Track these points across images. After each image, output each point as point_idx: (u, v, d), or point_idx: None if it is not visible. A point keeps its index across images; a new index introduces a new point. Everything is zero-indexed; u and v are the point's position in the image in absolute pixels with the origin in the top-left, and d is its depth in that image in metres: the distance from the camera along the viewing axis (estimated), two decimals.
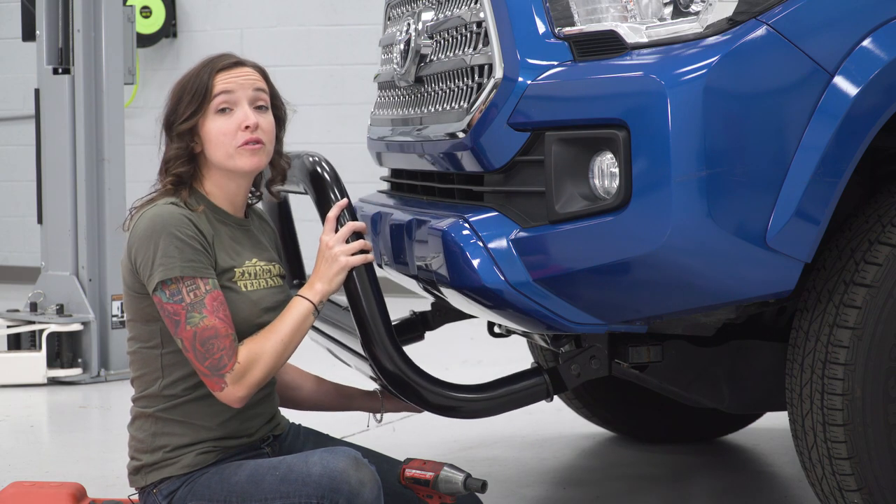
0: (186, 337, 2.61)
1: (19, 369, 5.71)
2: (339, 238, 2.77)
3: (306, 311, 2.70)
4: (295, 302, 2.72)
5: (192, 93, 2.72)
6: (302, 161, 2.94)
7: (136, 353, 2.73)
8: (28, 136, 7.32)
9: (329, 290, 2.75)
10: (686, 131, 2.53)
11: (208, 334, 2.60)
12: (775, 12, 2.57)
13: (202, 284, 2.62)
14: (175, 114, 2.73)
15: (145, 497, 2.71)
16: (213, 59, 2.76)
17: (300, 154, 2.97)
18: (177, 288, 2.61)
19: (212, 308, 2.61)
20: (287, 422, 2.90)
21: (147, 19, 8.86)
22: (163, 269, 2.60)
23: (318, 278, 2.75)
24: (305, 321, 2.70)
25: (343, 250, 2.76)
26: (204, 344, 2.60)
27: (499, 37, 2.79)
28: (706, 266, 2.60)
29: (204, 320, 2.60)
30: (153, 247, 2.62)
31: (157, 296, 2.62)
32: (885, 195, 2.78)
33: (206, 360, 2.61)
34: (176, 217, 2.64)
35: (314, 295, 2.72)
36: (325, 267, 2.76)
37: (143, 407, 2.72)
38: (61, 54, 5.88)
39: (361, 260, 2.77)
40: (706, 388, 3.25)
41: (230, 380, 2.61)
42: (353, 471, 2.55)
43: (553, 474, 4.09)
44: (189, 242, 2.63)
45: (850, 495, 2.74)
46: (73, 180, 5.88)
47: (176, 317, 2.61)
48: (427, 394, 2.84)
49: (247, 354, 2.63)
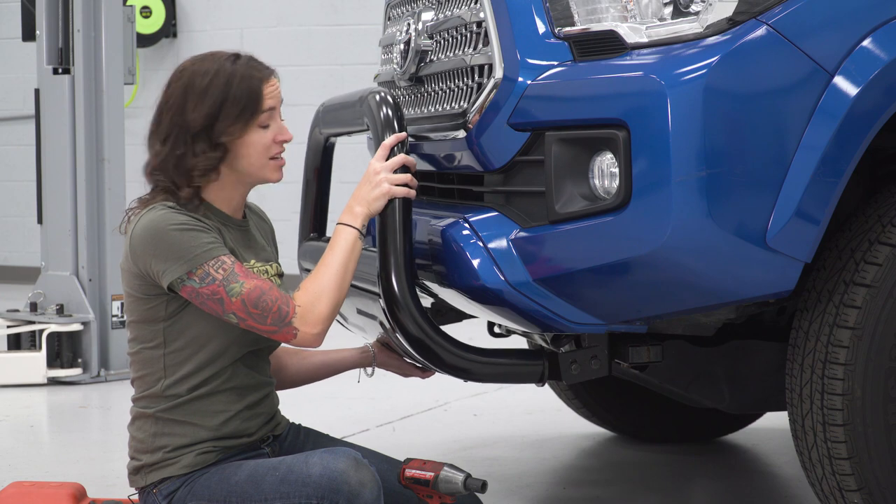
0: (237, 308, 2.60)
1: (19, 369, 5.71)
2: (388, 165, 2.77)
3: (352, 237, 2.70)
4: (339, 231, 2.71)
5: (242, 104, 2.67)
6: (367, 95, 2.94)
7: (137, 353, 2.73)
8: (28, 136, 7.33)
9: (368, 214, 2.73)
10: (686, 131, 2.53)
11: (255, 294, 2.60)
12: (775, 12, 2.57)
13: (226, 259, 2.62)
14: (214, 123, 2.66)
15: (145, 497, 2.71)
16: (251, 63, 2.71)
17: (365, 90, 2.98)
18: (204, 272, 2.60)
19: (244, 274, 2.62)
20: (287, 422, 2.90)
21: (147, 19, 8.86)
22: (183, 261, 2.60)
23: (357, 202, 2.74)
24: (355, 247, 2.70)
25: (390, 178, 2.75)
26: (256, 305, 2.60)
27: (499, 37, 2.79)
28: (706, 266, 2.60)
29: (244, 286, 2.60)
30: (164, 246, 2.61)
31: (188, 285, 2.61)
32: (885, 195, 2.78)
33: (266, 317, 2.60)
34: (175, 215, 2.64)
35: (355, 219, 2.72)
36: (368, 190, 2.75)
37: (143, 407, 2.72)
38: (61, 54, 5.88)
39: (405, 192, 2.76)
40: (706, 388, 3.25)
41: (298, 323, 2.62)
42: (353, 471, 2.55)
43: (553, 474, 4.09)
44: (197, 229, 2.63)
45: (850, 495, 2.74)
46: (73, 180, 5.88)
47: (216, 296, 2.60)
48: (424, 329, 2.79)
49: (306, 294, 2.64)
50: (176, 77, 2.72)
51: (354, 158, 6.27)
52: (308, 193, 3.62)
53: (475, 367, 2.86)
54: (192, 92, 2.68)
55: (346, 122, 3.27)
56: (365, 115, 2.95)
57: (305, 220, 3.63)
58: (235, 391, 2.72)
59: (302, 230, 3.63)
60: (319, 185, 3.61)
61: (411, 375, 3.13)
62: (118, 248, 5.93)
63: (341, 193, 3.33)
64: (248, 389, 2.74)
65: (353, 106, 3.08)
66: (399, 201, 2.76)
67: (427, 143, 3.07)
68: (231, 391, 2.71)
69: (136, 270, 2.67)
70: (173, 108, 2.69)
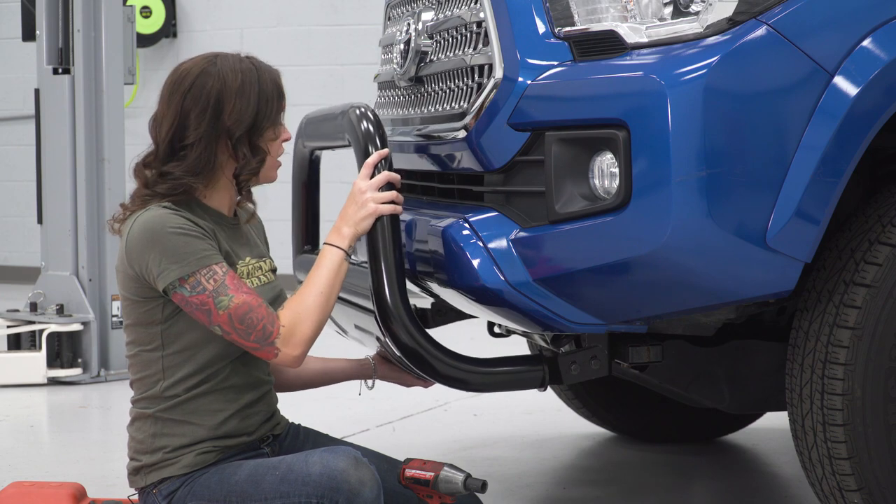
0: (223, 321, 2.61)
1: (19, 369, 5.71)
2: (373, 184, 2.78)
3: (338, 258, 2.71)
4: (325, 251, 2.72)
5: (275, 104, 2.70)
6: (348, 109, 2.94)
7: (136, 356, 2.73)
8: (28, 136, 7.32)
9: (356, 234, 2.74)
10: (686, 131, 2.53)
11: (243, 310, 2.60)
12: (775, 12, 2.57)
13: (218, 269, 2.62)
14: (255, 124, 2.68)
15: (145, 497, 2.71)
16: (264, 65, 2.73)
17: (346, 105, 2.97)
18: (196, 280, 2.60)
19: (235, 287, 2.62)
20: (287, 421, 2.90)
21: (147, 19, 8.86)
22: (177, 266, 2.60)
23: (344, 222, 2.75)
24: (340, 268, 2.70)
25: (375, 197, 2.76)
26: (242, 321, 2.60)
27: (499, 37, 2.79)
28: (706, 266, 2.60)
29: (233, 300, 2.60)
30: (158, 249, 2.61)
31: (178, 293, 2.61)
32: (885, 195, 2.78)
33: (250, 334, 2.61)
34: (172, 217, 2.64)
35: (342, 240, 2.73)
36: (354, 210, 2.76)
37: (142, 408, 2.72)
38: (61, 54, 5.88)
39: (391, 210, 2.77)
40: (706, 388, 3.25)
41: (280, 344, 2.62)
42: (353, 470, 2.55)
43: (553, 474, 4.09)
44: (193, 234, 2.63)
45: (850, 495, 2.74)
46: (73, 180, 5.88)
47: (205, 307, 2.60)
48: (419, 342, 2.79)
49: (290, 315, 2.64)
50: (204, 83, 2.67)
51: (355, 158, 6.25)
52: (297, 207, 3.64)
53: (472, 377, 2.86)
54: (226, 95, 2.66)
55: (327, 137, 3.27)
56: (346, 130, 2.94)
57: (297, 233, 3.64)
58: (233, 390, 2.72)
59: (295, 243, 3.64)
60: (308, 198, 3.63)
61: (413, 386, 3.13)
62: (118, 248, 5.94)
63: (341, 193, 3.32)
64: (245, 388, 2.74)
65: (335, 120, 3.07)
66: (386, 219, 2.77)
67: (427, 143, 3.07)
68: (228, 390, 2.71)
69: (132, 272, 2.67)
70: (204, 111, 2.66)
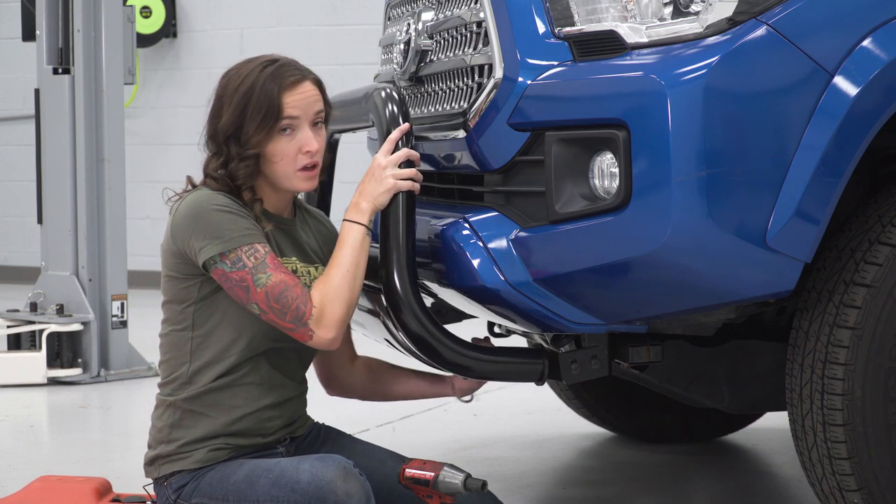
0: (260, 299, 2.61)
1: (19, 369, 5.71)
2: (393, 160, 2.77)
3: (361, 233, 2.70)
4: (346, 228, 2.71)
5: (262, 112, 2.67)
6: (373, 90, 2.94)
7: (167, 335, 2.74)
8: (28, 136, 7.33)
9: (374, 209, 2.73)
10: (686, 131, 2.53)
11: (279, 289, 2.61)
12: (775, 12, 2.57)
13: (260, 248, 2.63)
14: (240, 130, 2.68)
15: (158, 489, 2.75)
16: (277, 71, 2.70)
17: (370, 86, 2.97)
18: (237, 256, 2.61)
19: (274, 266, 2.63)
20: (311, 422, 2.90)
21: (147, 19, 8.86)
22: (220, 241, 2.61)
23: (362, 197, 2.73)
24: (363, 243, 2.70)
25: (395, 173, 2.75)
26: (278, 300, 2.61)
27: (499, 37, 2.79)
28: (706, 266, 2.60)
29: (271, 278, 2.61)
30: (202, 224, 2.63)
31: (219, 268, 2.62)
32: (885, 195, 2.78)
33: (286, 314, 2.62)
34: (219, 196, 2.66)
35: (361, 215, 2.72)
36: (373, 185, 2.75)
37: (166, 395, 2.74)
38: (61, 54, 5.88)
39: (409, 186, 2.76)
40: (706, 388, 3.25)
41: (313, 325, 2.63)
42: (341, 481, 2.54)
43: (553, 474, 4.09)
44: (237, 213, 2.65)
45: (850, 495, 2.74)
46: (73, 180, 5.88)
47: (243, 283, 2.61)
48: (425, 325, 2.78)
49: (318, 297, 2.64)
50: (220, 81, 2.75)
51: (355, 159, 6.25)
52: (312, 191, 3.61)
53: (476, 364, 2.86)
54: (225, 97, 2.71)
55: (349, 119, 3.27)
56: (370, 111, 2.94)
57: None
58: (255, 387, 2.72)
59: None
60: (324, 181, 3.60)
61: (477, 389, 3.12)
62: (118, 248, 5.95)
63: (341, 194, 3.32)
64: (268, 388, 2.74)
65: (358, 102, 3.08)
66: (403, 195, 2.76)
67: (427, 143, 3.07)
68: (250, 386, 2.72)
69: (175, 248, 2.68)
70: (212, 112, 2.74)
